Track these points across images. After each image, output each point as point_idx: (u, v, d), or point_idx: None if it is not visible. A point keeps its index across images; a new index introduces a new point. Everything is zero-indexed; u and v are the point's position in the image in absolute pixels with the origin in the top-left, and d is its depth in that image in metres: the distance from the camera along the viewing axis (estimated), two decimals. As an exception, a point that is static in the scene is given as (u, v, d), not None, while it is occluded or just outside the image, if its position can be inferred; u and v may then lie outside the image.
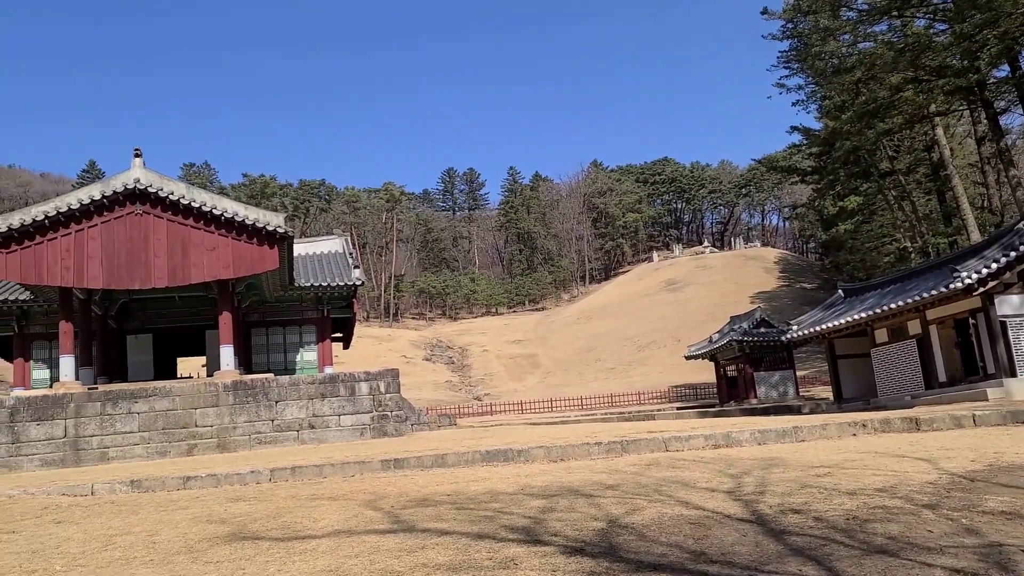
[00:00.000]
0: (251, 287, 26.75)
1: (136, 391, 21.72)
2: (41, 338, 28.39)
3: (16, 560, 7.25)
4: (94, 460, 20.75)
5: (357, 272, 29.29)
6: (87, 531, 8.59)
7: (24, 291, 26.40)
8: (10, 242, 22.11)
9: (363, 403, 22.61)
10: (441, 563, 6.09)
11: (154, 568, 6.58)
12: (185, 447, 21.21)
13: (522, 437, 17.08)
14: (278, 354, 30.27)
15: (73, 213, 22.39)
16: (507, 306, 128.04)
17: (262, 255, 23.40)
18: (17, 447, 20.56)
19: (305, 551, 6.88)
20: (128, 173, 22.68)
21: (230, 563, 6.59)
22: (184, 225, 23.06)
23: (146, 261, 22.86)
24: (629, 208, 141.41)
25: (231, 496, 10.82)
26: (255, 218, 23.18)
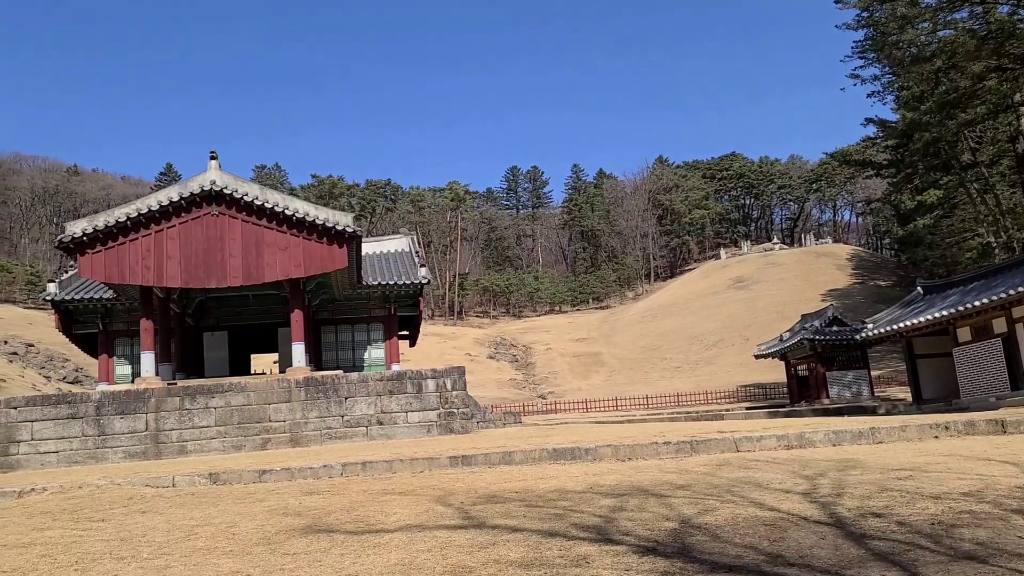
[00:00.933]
0: (321, 286, 27.29)
1: (213, 387, 22.39)
2: (123, 335, 29.52)
3: (107, 547, 7.56)
4: (173, 453, 21.48)
5: (423, 271, 29.60)
6: (171, 521, 8.91)
7: (108, 290, 27.48)
8: (95, 243, 23.06)
9: (430, 400, 22.84)
10: (513, 560, 6.11)
11: (234, 558, 6.78)
12: (259, 441, 21.78)
13: (588, 436, 17.01)
14: (346, 351, 30.81)
15: (153, 214, 23.22)
16: (571, 304, 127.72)
17: (331, 254, 23.85)
18: (103, 439, 21.42)
19: (378, 544, 6.99)
20: (204, 175, 23.40)
21: (306, 555, 6.74)
22: (257, 225, 23.67)
23: (222, 260, 23.55)
24: (695, 204, 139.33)
25: (305, 490, 11.07)
26: (325, 218, 23.65)
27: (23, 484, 12.91)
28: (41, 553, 7.41)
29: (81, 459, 21.07)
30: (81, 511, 10.02)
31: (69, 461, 21.01)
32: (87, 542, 7.87)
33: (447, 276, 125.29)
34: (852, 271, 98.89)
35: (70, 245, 23.11)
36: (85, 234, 22.90)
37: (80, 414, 21.47)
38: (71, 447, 21.24)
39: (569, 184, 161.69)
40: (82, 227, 23.05)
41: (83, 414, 21.48)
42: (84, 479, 13.25)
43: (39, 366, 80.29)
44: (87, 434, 21.41)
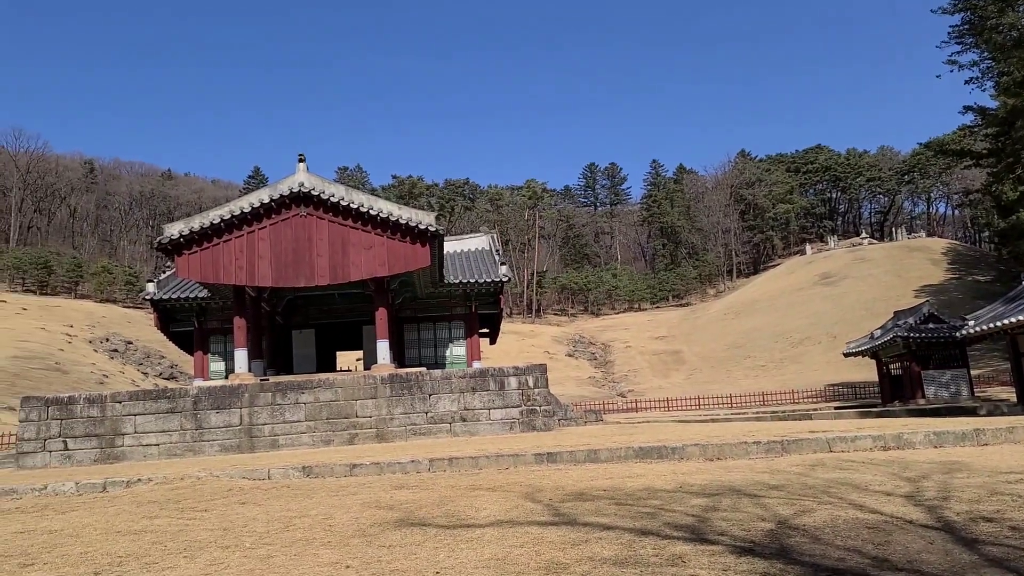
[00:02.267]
0: (404, 284, 27.76)
1: (302, 383, 23.05)
2: (217, 332, 30.70)
3: (211, 536, 7.87)
4: (266, 447, 22.21)
5: (503, 269, 29.76)
6: (269, 512, 9.21)
7: (202, 289, 28.61)
8: (191, 244, 24.05)
9: (512, 397, 22.94)
10: (607, 557, 6.08)
11: (332, 549, 6.95)
12: (347, 436, 22.31)
13: (674, 434, 16.78)
14: (429, 349, 31.26)
15: (245, 216, 24.07)
16: (650, 301, 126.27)
17: (415, 253, 24.24)
18: (200, 433, 22.33)
19: (471, 539, 7.06)
20: (293, 177, 24.11)
21: (401, 548, 6.86)
22: (343, 225, 24.25)
23: (310, 260, 24.23)
24: (779, 199, 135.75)
25: (395, 484, 11.27)
26: (408, 217, 24.04)
27: (130, 475, 13.56)
28: (152, 540, 7.77)
29: (180, 452, 22.00)
30: (185, 501, 10.47)
31: (169, 454, 21.98)
32: (193, 531, 8.21)
33: (525, 274, 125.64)
34: (948, 266, 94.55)
35: (168, 246, 24.15)
36: (182, 235, 23.90)
37: (179, 409, 22.42)
38: (171, 440, 22.20)
39: (648, 180, 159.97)
40: (179, 229, 24.06)
41: (181, 409, 22.42)
42: (185, 471, 13.83)
43: (137, 362, 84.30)
44: (185, 428, 22.34)
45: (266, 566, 6.43)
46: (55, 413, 22.04)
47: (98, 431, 22.06)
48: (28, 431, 21.93)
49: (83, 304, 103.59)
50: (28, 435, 21.91)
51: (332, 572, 6.10)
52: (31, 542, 8.09)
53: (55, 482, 12.92)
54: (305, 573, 6.10)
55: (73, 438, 21.95)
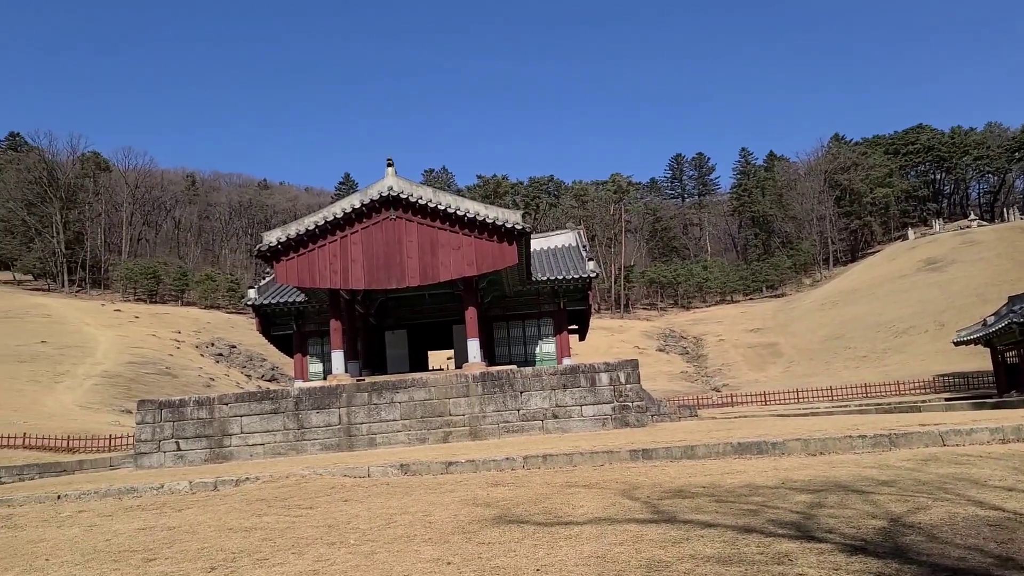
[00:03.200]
0: (492, 283, 27.96)
1: (397, 382, 23.53)
2: (315, 335, 31.67)
3: (317, 532, 8.12)
4: (364, 445, 22.78)
5: (591, 264, 29.59)
6: (371, 509, 9.43)
7: (300, 293, 29.58)
8: (288, 250, 24.89)
9: (603, 394, 22.80)
10: (709, 555, 5.96)
11: (433, 546, 7.06)
12: (441, 434, 22.65)
13: (773, 429, 16.32)
14: (518, 346, 31.38)
15: (338, 221, 24.73)
16: (743, 293, 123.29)
17: (502, 252, 24.39)
18: (302, 432, 23.09)
19: (569, 536, 7.04)
20: (382, 182, 24.63)
21: (501, 544, 6.90)
22: (432, 227, 24.62)
23: (400, 262, 24.71)
24: (878, 183, 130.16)
25: (490, 481, 11.36)
26: (495, 216, 24.20)
27: (239, 474, 14.13)
28: (262, 537, 8.07)
29: (284, 450, 22.81)
30: (291, 499, 10.83)
31: (274, 452, 22.81)
32: (299, 528, 8.49)
33: (612, 269, 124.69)
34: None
35: (267, 253, 25.06)
36: (279, 243, 24.76)
37: (281, 409, 23.24)
38: (275, 439, 23.04)
39: (737, 169, 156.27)
40: (276, 236, 24.93)
41: (284, 409, 23.24)
42: (289, 469, 14.31)
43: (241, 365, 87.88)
44: (288, 427, 23.14)
45: (370, 562, 6.58)
46: (168, 415, 23.20)
47: (207, 432, 23.10)
48: (144, 433, 23.16)
49: (189, 311, 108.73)
50: (144, 436, 23.14)
51: (434, 568, 6.19)
52: (152, 538, 8.53)
53: (170, 481, 13.59)
54: (408, 570, 6.21)
55: (185, 439, 23.05)
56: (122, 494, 13.00)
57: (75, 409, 52.98)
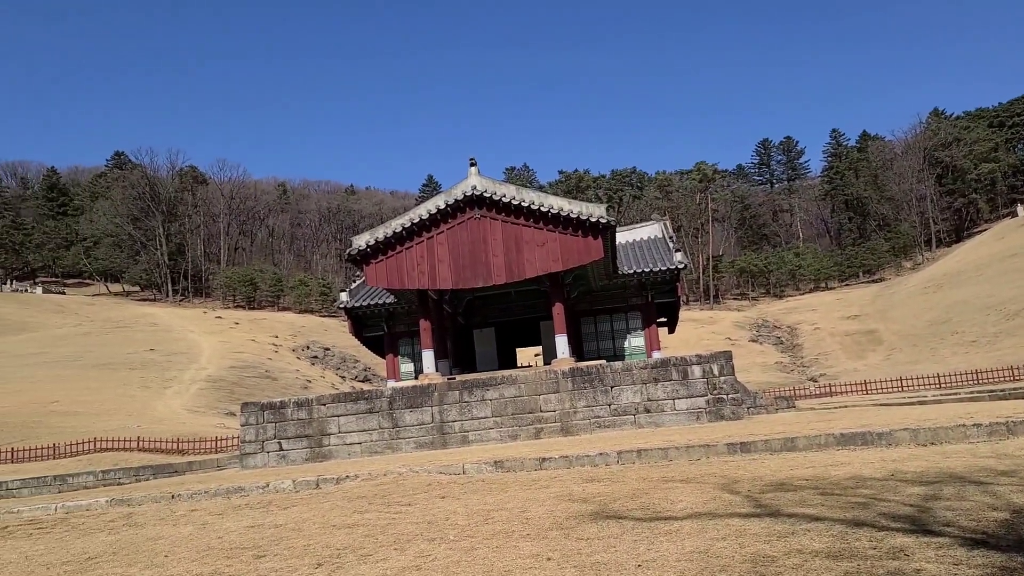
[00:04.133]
0: (578, 278, 27.84)
1: (487, 380, 23.70)
2: (405, 335, 32.24)
3: (417, 528, 8.25)
4: (457, 443, 23.05)
5: (679, 255, 29.09)
6: (468, 506, 9.52)
7: (389, 295, 30.16)
8: (377, 253, 25.41)
9: (696, 387, 22.38)
10: (818, 550, 5.75)
11: (532, 542, 7.06)
12: (533, 431, 22.69)
13: (878, 419, 15.68)
14: (606, 341, 31.14)
15: (424, 223, 25.09)
16: (838, 279, 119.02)
17: (588, 246, 24.24)
18: (396, 431, 23.55)
19: (669, 532, 6.93)
20: (466, 182, 24.84)
21: (599, 540, 6.85)
22: (516, 224, 24.68)
23: (486, 260, 24.87)
24: (982, 158, 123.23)
25: (585, 477, 11.31)
26: (579, 211, 24.08)
27: (339, 472, 14.51)
28: (365, 533, 8.25)
29: (380, 449, 23.31)
30: (390, 496, 11.05)
31: (370, 451, 23.34)
32: (400, 524, 8.64)
33: (700, 260, 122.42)
34: None
35: (356, 257, 25.64)
36: (368, 246, 25.30)
37: (376, 409, 23.74)
38: (371, 438, 23.57)
39: (828, 151, 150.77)
40: (365, 240, 25.48)
41: (378, 409, 23.73)
42: (387, 467, 14.61)
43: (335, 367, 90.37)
44: (383, 426, 23.63)
45: (471, 558, 6.63)
46: (270, 417, 24.04)
47: (307, 432, 23.82)
48: (248, 434, 24.07)
49: (284, 316, 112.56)
50: (248, 437, 24.04)
51: (534, 564, 6.19)
52: (261, 536, 8.84)
53: (275, 480, 14.07)
54: (509, 566, 6.23)
55: (286, 439, 23.84)
56: (230, 493, 13.53)
57: (183, 413, 55.59)
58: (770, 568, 5.41)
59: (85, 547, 9.39)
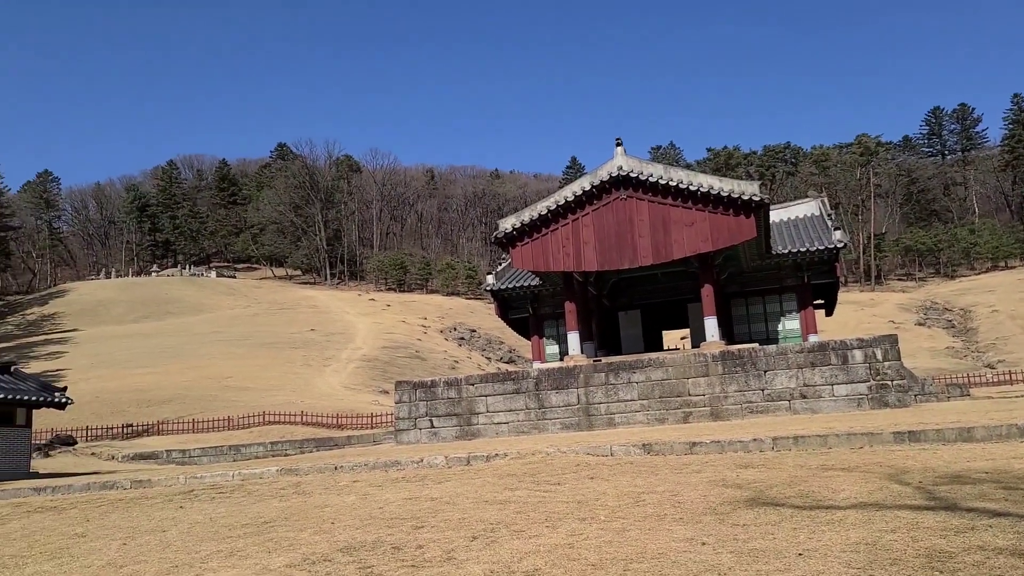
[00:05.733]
0: (728, 258, 27.00)
1: (633, 362, 23.49)
2: (550, 317, 32.47)
3: (567, 508, 8.32)
4: (603, 425, 23.03)
5: (837, 234, 27.58)
6: (617, 487, 9.49)
7: (534, 277, 30.44)
8: (523, 236, 25.69)
9: (857, 372, 21.21)
10: (1001, 547, 5.32)
11: (685, 526, 6.95)
12: (681, 415, 22.31)
13: (1068, 410, 14.27)
14: (759, 324, 30.07)
15: (569, 205, 25.11)
16: (1020, 258, 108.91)
17: (739, 225, 23.44)
18: (542, 412, 23.82)
19: (832, 521, 6.62)
20: (611, 162, 24.61)
21: (756, 527, 6.64)
22: (663, 204, 24.22)
23: (632, 242, 24.59)
24: None
25: (738, 463, 10.99)
26: (730, 189, 23.30)
27: (488, 450, 14.87)
28: (516, 510, 8.41)
29: (526, 429, 23.67)
30: (539, 475, 11.20)
31: (517, 431, 23.75)
32: (550, 503, 8.74)
33: (859, 238, 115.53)
34: None
35: (502, 240, 26.04)
36: (514, 229, 25.63)
37: (522, 390, 24.10)
38: (517, 418, 23.97)
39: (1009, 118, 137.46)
40: (511, 223, 25.82)
41: (524, 389, 24.08)
42: (534, 447, 14.80)
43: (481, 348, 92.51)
44: (529, 407, 23.96)
45: (623, 539, 6.61)
46: (421, 395, 24.95)
47: (456, 410, 24.54)
48: (401, 411, 25.10)
49: (432, 298, 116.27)
50: (402, 414, 25.08)
51: (688, 548, 6.09)
52: (418, 508, 9.21)
53: (428, 456, 14.60)
54: (662, 548, 6.16)
55: (437, 416, 24.67)
56: (387, 467, 14.17)
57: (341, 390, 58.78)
58: (947, 564, 5.06)
59: (260, 511, 10.13)
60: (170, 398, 50.34)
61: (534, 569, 5.82)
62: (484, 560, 6.24)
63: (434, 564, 6.26)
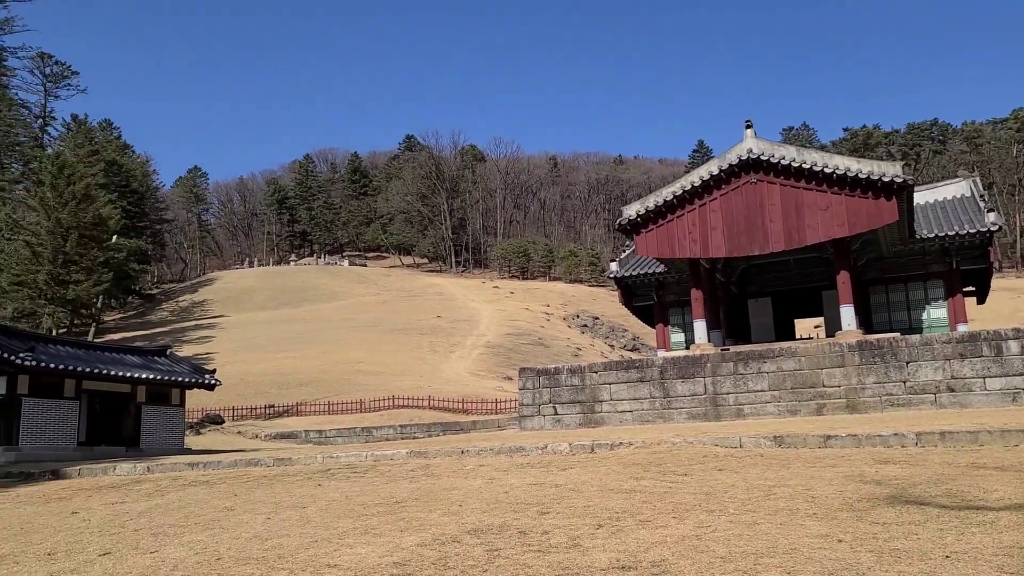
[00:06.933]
0: (867, 243, 25.64)
1: (763, 352, 22.74)
2: (675, 305, 31.89)
3: (694, 499, 8.16)
4: (731, 416, 22.43)
5: (992, 216, 25.64)
6: (747, 480, 9.24)
7: (658, 264, 29.96)
8: (648, 222, 25.33)
9: (1014, 364, 19.66)
10: None
11: (819, 521, 6.69)
12: (814, 406, 21.42)
13: None
14: (900, 312, 28.43)
15: (696, 190, 24.53)
16: None
17: (878, 209, 22.21)
18: (668, 401, 23.46)
19: (983, 523, 6.20)
20: (741, 145, 23.84)
21: (898, 526, 6.32)
22: (796, 188, 23.26)
23: (762, 227, 23.77)
24: None
25: (877, 458, 10.46)
26: (868, 171, 22.10)
27: (612, 439, 14.80)
28: (642, 499, 8.35)
29: (651, 418, 23.38)
30: (665, 465, 11.06)
31: (641, 420, 23.51)
32: (676, 493, 8.62)
33: (1016, 221, 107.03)
34: None
35: (627, 226, 25.77)
36: (638, 215, 25.30)
37: (647, 378, 23.81)
38: (642, 407, 23.71)
39: None
40: (636, 209, 25.50)
41: (649, 378, 23.78)
42: (660, 436, 14.61)
43: (604, 336, 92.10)
44: (654, 396, 23.65)
45: (753, 532, 6.44)
46: (545, 382, 25.10)
47: (580, 398, 24.55)
48: (525, 397, 25.36)
49: (555, 285, 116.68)
50: (526, 400, 25.33)
51: (823, 545, 5.86)
52: (543, 494, 9.30)
53: (552, 443, 14.69)
54: (795, 543, 5.96)
55: (560, 404, 24.77)
56: (512, 452, 14.37)
57: (466, 375, 60.08)
58: (1120, 577, 4.63)
59: (392, 492, 10.52)
60: (307, 381, 53.03)
61: (661, 559, 5.76)
62: (610, 548, 6.23)
63: (560, 550, 6.31)
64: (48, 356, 25.34)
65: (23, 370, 23.92)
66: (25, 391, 24.72)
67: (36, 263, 63.46)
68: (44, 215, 65.40)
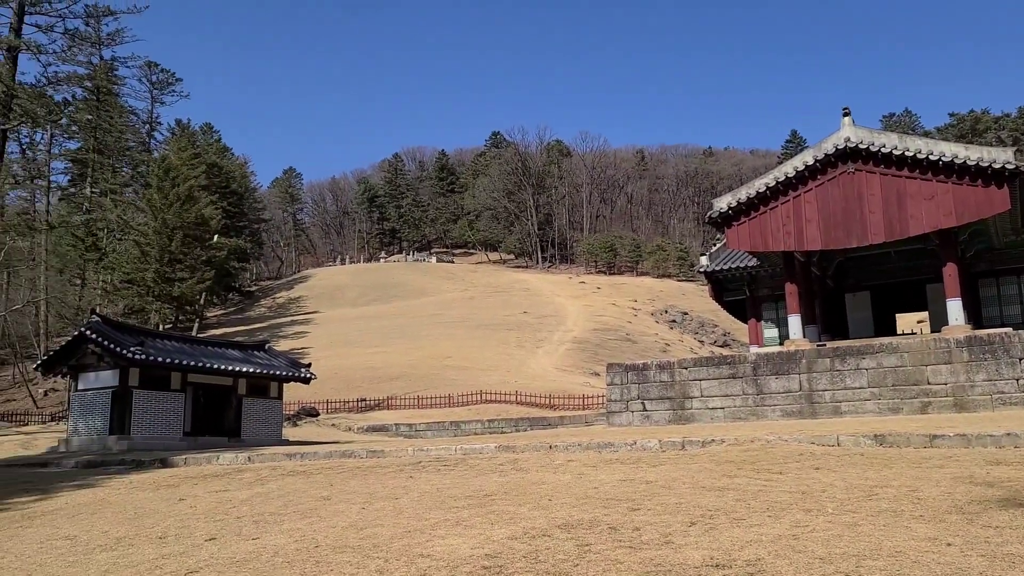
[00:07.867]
0: (976, 234, 24.34)
1: (862, 347, 21.89)
2: (768, 300, 31.03)
3: (790, 498, 7.93)
4: (827, 413, 21.69)
5: (1115, 203, 23.90)
6: (846, 479, 8.91)
7: (750, 258, 29.21)
8: (739, 215, 24.71)
9: None
10: None
11: (926, 524, 6.40)
12: (918, 404, 20.50)
13: None
14: (1012, 306, 26.87)
15: (790, 181, 23.79)
16: None
17: (989, 197, 21.05)
18: (760, 398, 22.87)
19: (1110, 532, 5.79)
20: (838, 134, 22.98)
21: (1012, 530, 5.98)
22: (897, 177, 22.28)
23: (861, 218, 22.87)
24: None
25: (988, 459, 9.92)
26: (978, 157, 20.96)
27: (703, 436, 14.53)
28: (735, 498, 8.16)
29: (743, 415, 22.85)
30: (759, 463, 10.78)
31: (733, 417, 23.00)
32: (771, 492, 8.39)
33: None
34: None
35: (717, 220, 25.22)
36: (729, 208, 24.73)
37: (739, 374, 23.27)
38: (733, 404, 23.20)
39: None
40: (727, 202, 24.94)
41: (741, 374, 23.23)
42: (753, 434, 14.26)
43: (693, 331, 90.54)
44: (746, 392, 23.10)
45: (854, 533, 6.21)
46: (633, 378, 24.86)
47: (669, 394, 24.21)
48: (613, 393, 25.18)
49: (643, 280, 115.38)
50: (614, 396, 25.15)
51: (931, 548, 5.60)
52: (633, 490, 9.21)
53: (641, 439, 14.54)
54: (900, 546, 5.71)
55: (649, 400, 24.49)
56: (600, 448, 14.29)
57: (552, 371, 60.09)
58: None
59: (481, 485, 10.62)
60: (397, 375, 54.16)
61: (756, 558, 5.62)
62: (703, 546, 6.12)
63: (651, 547, 6.23)
64: (156, 350, 26.71)
65: (134, 363, 25.29)
66: (136, 383, 26.14)
67: (144, 262, 67.06)
68: (151, 216, 69.04)
